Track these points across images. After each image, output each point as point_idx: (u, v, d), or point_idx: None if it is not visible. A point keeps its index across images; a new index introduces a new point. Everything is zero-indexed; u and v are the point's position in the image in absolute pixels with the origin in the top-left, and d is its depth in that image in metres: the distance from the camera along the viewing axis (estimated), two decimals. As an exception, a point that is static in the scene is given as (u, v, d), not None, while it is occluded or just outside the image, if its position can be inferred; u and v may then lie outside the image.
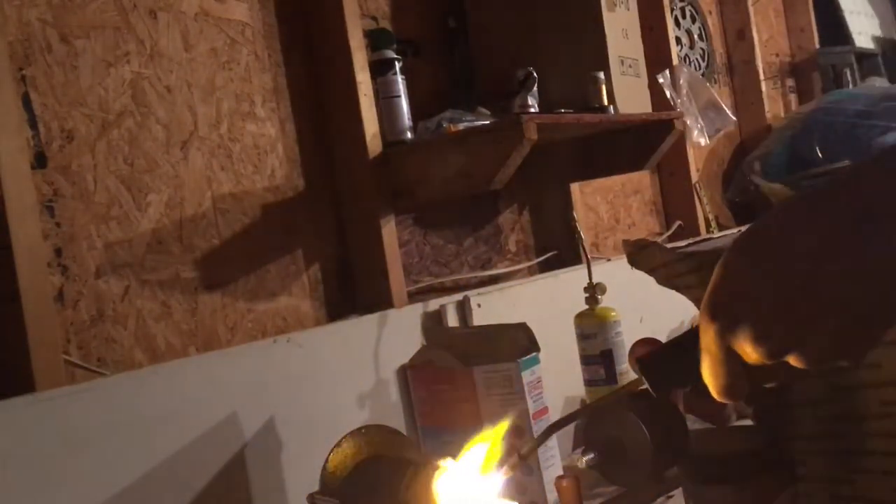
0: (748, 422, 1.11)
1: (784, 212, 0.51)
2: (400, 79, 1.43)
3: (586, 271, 1.42)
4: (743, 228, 0.55)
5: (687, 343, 0.57)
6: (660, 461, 1.02)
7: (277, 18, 1.40)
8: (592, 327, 1.40)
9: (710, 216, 2.34)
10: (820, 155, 2.40)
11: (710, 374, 0.54)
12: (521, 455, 0.71)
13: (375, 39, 1.44)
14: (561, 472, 1.19)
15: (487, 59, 1.67)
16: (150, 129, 1.20)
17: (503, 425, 0.75)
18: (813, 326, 0.49)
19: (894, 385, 0.73)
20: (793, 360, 0.50)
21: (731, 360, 0.52)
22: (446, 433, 1.25)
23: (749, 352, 0.51)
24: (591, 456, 1.19)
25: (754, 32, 2.77)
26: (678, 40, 2.42)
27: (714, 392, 0.55)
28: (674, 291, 0.88)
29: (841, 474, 0.77)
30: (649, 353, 0.63)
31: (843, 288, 0.48)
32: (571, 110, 1.50)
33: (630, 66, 1.64)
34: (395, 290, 1.40)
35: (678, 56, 2.23)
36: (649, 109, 1.71)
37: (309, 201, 1.40)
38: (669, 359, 0.61)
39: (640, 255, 0.90)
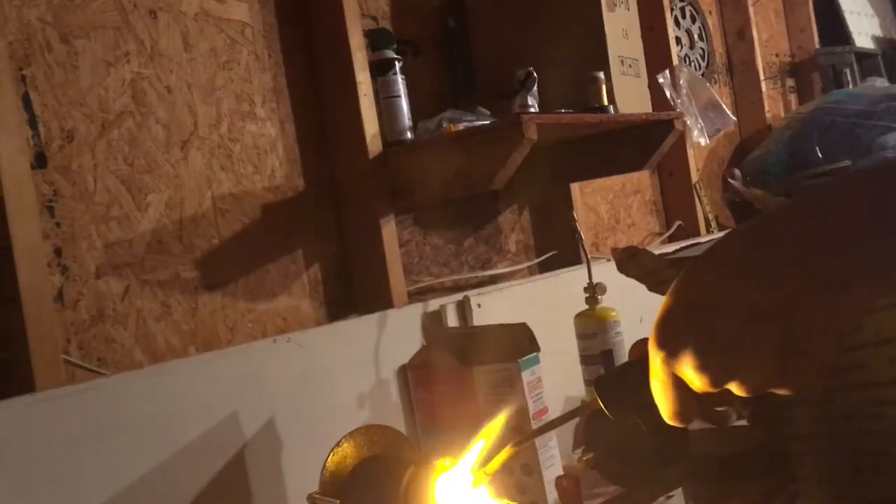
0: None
1: (730, 243, 0.52)
2: (400, 79, 1.43)
3: (586, 271, 1.42)
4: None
5: (639, 366, 0.57)
6: (660, 461, 1.02)
7: (277, 18, 1.40)
8: (592, 327, 1.39)
9: (710, 216, 2.34)
10: (820, 155, 2.40)
11: (659, 399, 0.56)
12: (486, 472, 0.72)
13: (375, 39, 1.44)
14: (561, 472, 1.19)
15: (487, 59, 1.67)
16: (150, 129, 1.20)
17: (495, 426, 0.75)
18: (752, 357, 0.50)
19: (884, 385, 0.73)
20: (734, 388, 0.52)
21: (678, 386, 0.54)
22: (446, 433, 1.25)
23: (692, 379, 0.52)
24: (591, 456, 1.19)
25: (754, 32, 2.77)
26: (678, 40, 2.42)
27: (664, 416, 0.56)
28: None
29: (840, 474, 0.77)
30: (604, 375, 0.64)
31: (781, 321, 0.49)
32: (571, 110, 1.50)
33: (630, 66, 1.64)
34: (395, 290, 1.40)
35: (678, 56, 2.23)
36: (649, 109, 1.71)
37: (309, 201, 1.40)
38: (624, 381, 0.62)
39: (629, 262, 0.90)
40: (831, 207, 0.49)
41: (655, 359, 0.54)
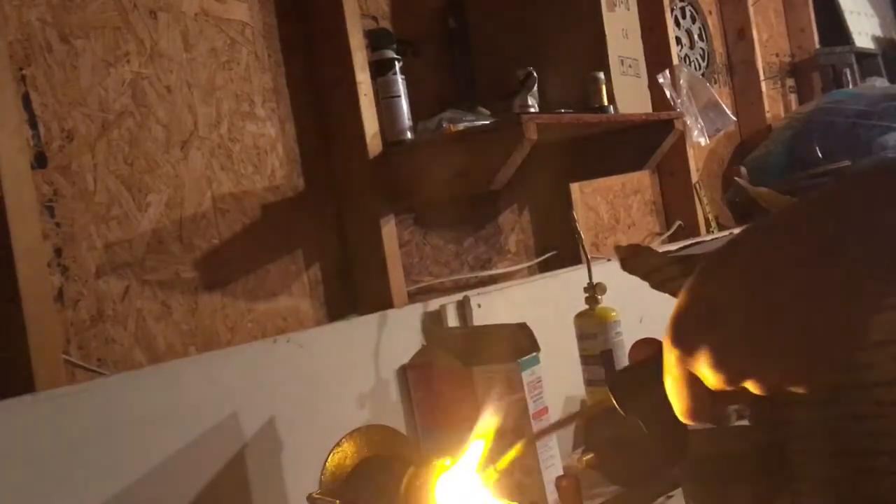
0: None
1: (746, 241, 0.52)
2: (400, 79, 1.43)
3: (586, 271, 1.42)
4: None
5: (654, 364, 0.57)
6: (660, 461, 1.02)
7: (277, 18, 1.40)
8: (592, 327, 1.39)
9: (710, 216, 2.34)
10: (820, 155, 2.40)
11: (674, 397, 0.55)
12: (497, 469, 0.72)
13: (375, 39, 1.44)
14: (561, 472, 1.19)
15: (487, 59, 1.67)
16: (150, 129, 1.20)
17: (492, 427, 0.75)
18: (769, 356, 0.50)
19: (888, 385, 0.73)
20: (750, 386, 0.51)
21: (693, 383, 0.53)
22: (446, 433, 1.25)
23: (708, 377, 0.52)
24: (591, 456, 1.19)
25: (754, 32, 2.77)
26: (678, 40, 2.42)
27: (679, 414, 0.56)
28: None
29: (840, 474, 0.77)
30: (617, 373, 0.64)
31: (799, 319, 0.49)
32: (571, 110, 1.50)
33: (630, 66, 1.64)
34: (395, 290, 1.40)
35: (678, 56, 2.23)
36: (649, 109, 1.71)
37: (309, 201, 1.40)
38: (637, 378, 0.62)
39: (632, 260, 0.90)
40: (846, 206, 0.49)
41: (670, 356, 0.53)
